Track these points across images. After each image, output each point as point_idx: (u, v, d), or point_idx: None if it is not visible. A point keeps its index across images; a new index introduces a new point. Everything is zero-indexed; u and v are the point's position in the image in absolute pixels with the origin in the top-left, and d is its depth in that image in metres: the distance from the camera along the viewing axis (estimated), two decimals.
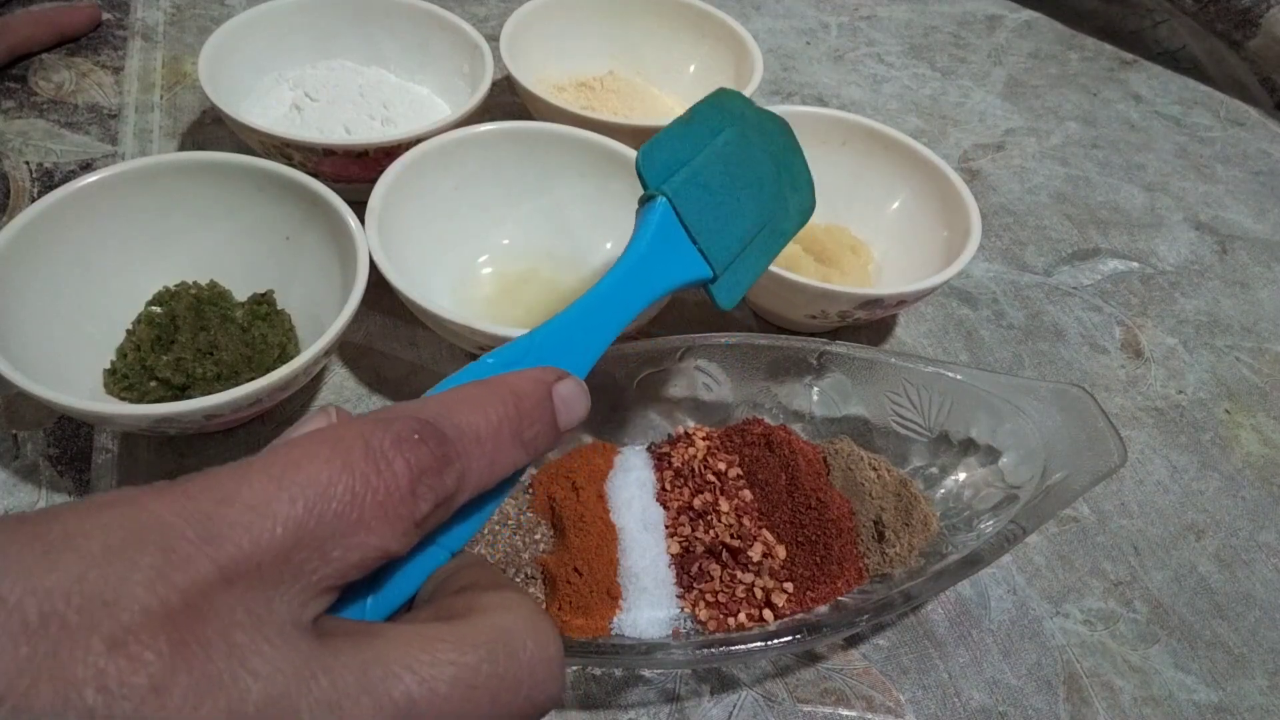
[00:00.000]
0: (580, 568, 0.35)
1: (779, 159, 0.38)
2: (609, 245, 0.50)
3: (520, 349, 0.27)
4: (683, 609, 0.36)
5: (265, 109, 0.52)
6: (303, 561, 0.17)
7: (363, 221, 0.41)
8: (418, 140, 0.46)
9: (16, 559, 0.15)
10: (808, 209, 0.40)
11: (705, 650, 0.33)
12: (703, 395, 0.41)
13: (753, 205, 0.36)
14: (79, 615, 0.14)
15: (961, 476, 0.40)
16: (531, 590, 0.35)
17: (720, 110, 0.36)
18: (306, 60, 0.55)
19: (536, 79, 0.55)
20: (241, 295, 0.43)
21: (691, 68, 0.62)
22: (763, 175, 0.37)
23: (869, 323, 0.51)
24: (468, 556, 0.22)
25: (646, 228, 0.32)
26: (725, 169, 0.35)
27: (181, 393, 0.39)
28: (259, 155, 0.45)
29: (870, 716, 0.36)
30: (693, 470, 0.38)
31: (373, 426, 0.19)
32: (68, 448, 0.40)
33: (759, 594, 0.36)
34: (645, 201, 0.32)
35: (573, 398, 0.25)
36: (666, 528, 0.37)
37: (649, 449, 0.40)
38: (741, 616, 0.35)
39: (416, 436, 0.19)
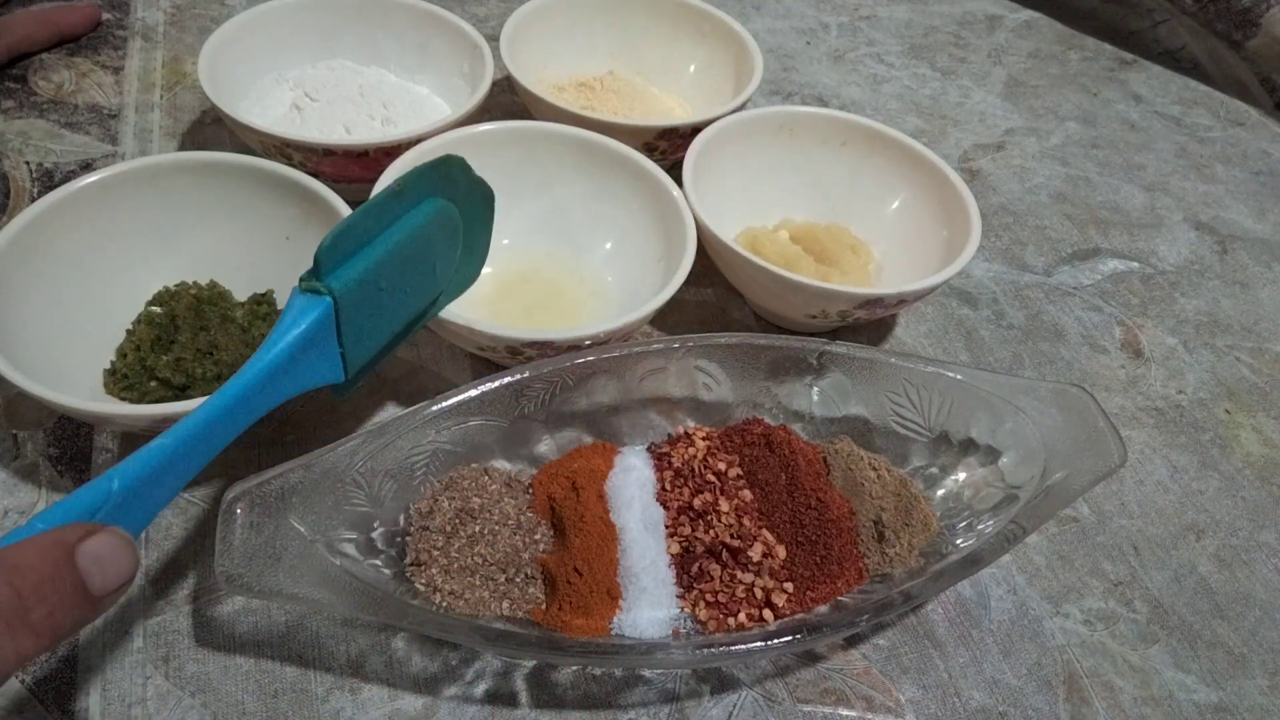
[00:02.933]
0: (580, 568, 0.35)
1: (470, 232, 0.36)
2: (608, 245, 0.50)
3: (98, 495, 0.24)
4: (683, 609, 0.36)
5: (265, 109, 0.52)
6: None
7: None
8: (418, 140, 0.46)
9: None
10: (471, 280, 0.39)
11: (705, 650, 0.33)
12: (703, 395, 0.41)
13: (414, 299, 0.34)
14: None
15: (961, 476, 0.40)
16: (531, 590, 0.35)
17: (429, 184, 0.33)
18: (306, 60, 0.55)
19: (536, 79, 0.55)
20: (241, 295, 0.43)
21: (691, 68, 0.62)
22: (439, 260, 0.35)
23: (869, 322, 0.51)
24: None
25: (297, 323, 0.29)
26: (404, 264, 0.32)
27: (181, 393, 0.39)
28: (259, 155, 0.45)
29: (870, 716, 0.36)
30: (693, 470, 0.38)
31: None
32: (68, 448, 0.40)
33: (759, 594, 0.36)
34: (307, 288, 0.30)
35: (109, 555, 0.21)
36: (666, 528, 0.37)
37: (649, 449, 0.40)
38: (741, 616, 0.35)
39: None
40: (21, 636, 0.19)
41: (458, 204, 0.35)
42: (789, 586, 0.36)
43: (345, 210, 0.41)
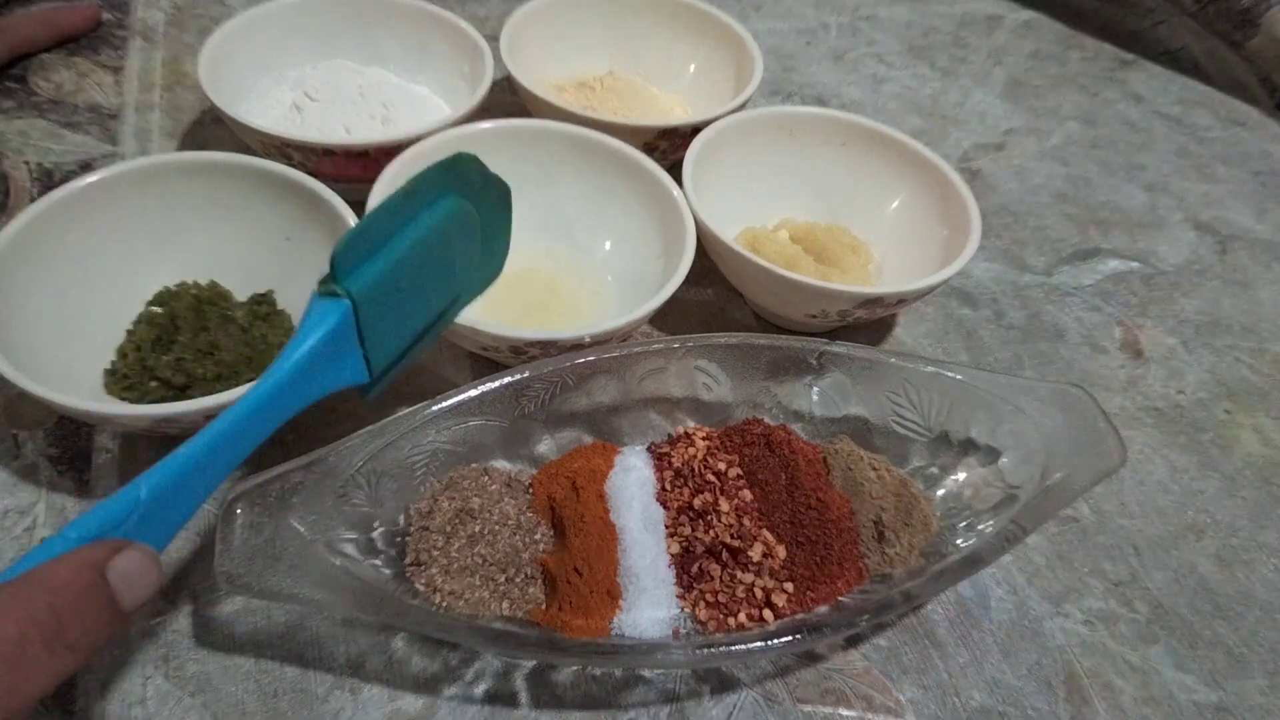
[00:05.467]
0: (580, 568, 0.35)
1: (488, 230, 0.36)
2: (608, 244, 0.50)
3: (127, 503, 0.24)
4: (683, 609, 0.36)
5: (265, 109, 0.52)
6: None
7: None
8: (417, 140, 0.46)
9: None
10: (493, 278, 0.39)
11: (705, 650, 0.33)
12: (703, 395, 0.41)
13: (435, 298, 0.34)
14: None
15: (961, 476, 0.40)
16: (531, 590, 0.35)
17: (442, 182, 0.33)
18: (306, 60, 0.55)
19: (536, 79, 0.55)
20: (241, 295, 0.43)
21: (691, 68, 0.62)
22: (458, 259, 0.35)
23: (869, 322, 0.51)
24: None
25: (317, 327, 0.29)
26: (422, 263, 0.32)
27: (182, 393, 0.39)
28: (259, 155, 0.45)
29: (870, 716, 0.36)
30: (693, 470, 0.38)
31: None
32: (68, 448, 0.40)
33: (759, 594, 0.36)
34: (325, 292, 0.30)
35: (137, 572, 0.22)
36: (666, 528, 0.37)
37: (649, 449, 0.40)
38: (741, 616, 0.35)
39: None
40: (60, 656, 0.20)
41: (474, 201, 0.35)
42: (789, 586, 0.36)
43: (345, 210, 0.41)
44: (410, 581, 0.34)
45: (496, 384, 0.37)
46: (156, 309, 0.42)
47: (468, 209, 0.35)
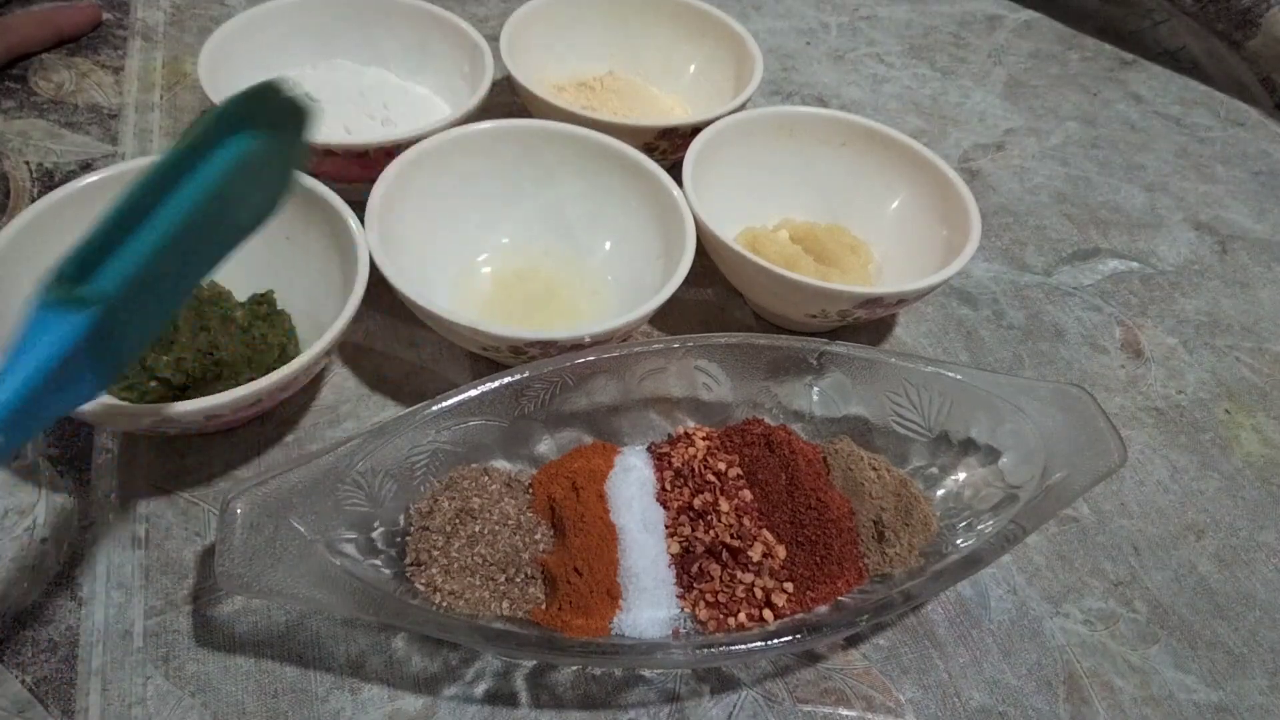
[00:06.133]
0: (580, 568, 0.35)
1: (284, 158, 0.30)
2: (608, 244, 0.50)
3: None
4: (683, 609, 0.36)
5: None
6: None
7: (362, 221, 0.41)
8: (418, 140, 0.46)
9: None
10: (269, 213, 0.32)
11: (705, 650, 0.33)
12: (703, 395, 0.41)
13: (210, 257, 0.29)
14: None
15: (961, 476, 0.40)
16: (531, 590, 0.35)
17: (235, 121, 0.28)
18: (306, 60, 0.55)
19: (536, 79, 0.55)
20: (241, 295, 0.43)
21: (691, 68, 0.62)
22: (243, 209, 0.30)
23: (869, 322, 0.51)
24: None
25: (43, 345, 0.23)
26: (199, 229, 0.27)
27: (181, 393, 0.39)
28: None
29: (870, 716, 0.36)
30: (693, 470, 0.38)
31: None
32: (68, 448, 0.40)
33: (759, 594, 0.36)
34: (63, 297, 0.24)
35: None
36: (666, 528, 0.37)
37: (649, 449, 0.40)
38: (741, 616, 0.35)
39: None
40: None
41: (275, 131, 0.29)
42: (789, 586, 0.36)
43: (345, 210, 0.41)
44: (410, 581, 0.34)
45: (496, 384, 0.37)
46: None
47: (263, 147, 0.29)
